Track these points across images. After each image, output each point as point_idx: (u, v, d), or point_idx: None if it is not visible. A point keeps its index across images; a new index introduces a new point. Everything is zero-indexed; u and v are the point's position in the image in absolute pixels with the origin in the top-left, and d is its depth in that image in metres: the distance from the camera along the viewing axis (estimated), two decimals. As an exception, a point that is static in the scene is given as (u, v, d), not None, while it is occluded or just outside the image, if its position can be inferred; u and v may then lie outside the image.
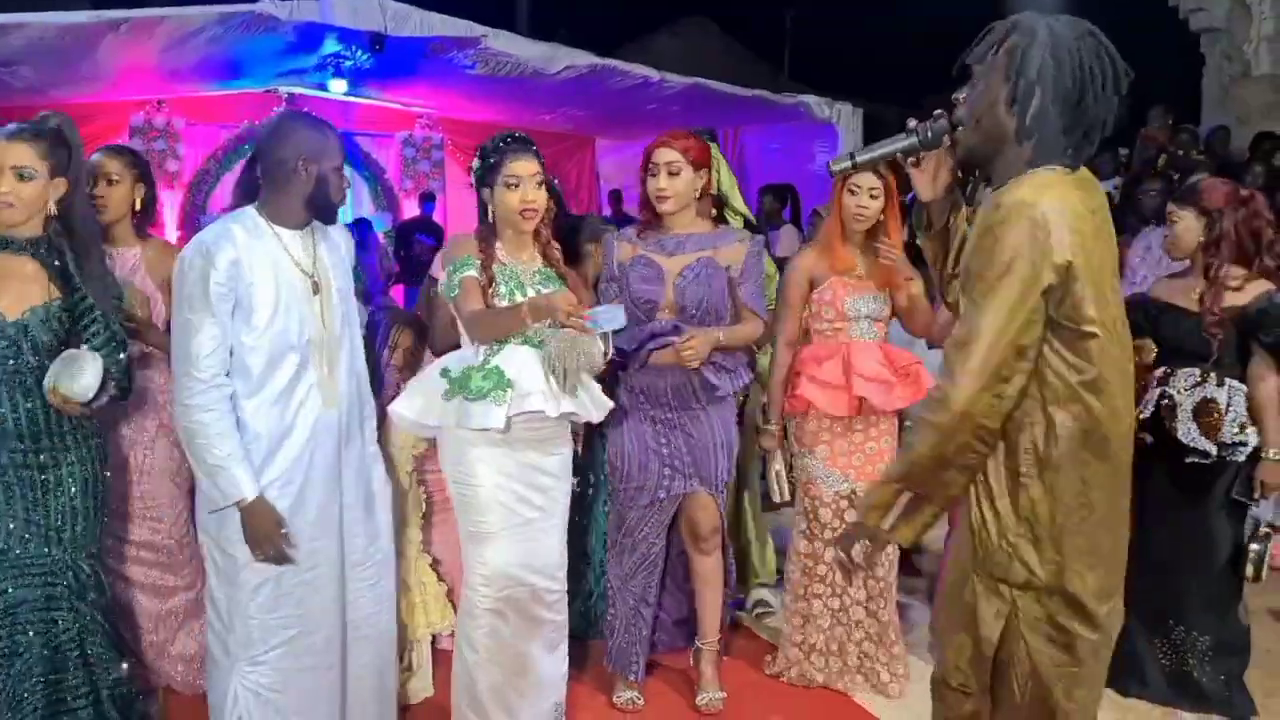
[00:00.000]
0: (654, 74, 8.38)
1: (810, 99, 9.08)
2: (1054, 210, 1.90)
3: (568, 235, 4.12)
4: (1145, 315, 3.78)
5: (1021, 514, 2.05)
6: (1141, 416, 3.65)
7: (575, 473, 3.37)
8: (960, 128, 2.10)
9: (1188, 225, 3.63)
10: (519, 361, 3.00)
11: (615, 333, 2.96)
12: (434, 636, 3.67)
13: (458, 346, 3.19)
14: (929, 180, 2.22)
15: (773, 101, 9.05)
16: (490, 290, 3.05)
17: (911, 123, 2.18)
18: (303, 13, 7.10)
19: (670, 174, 3.40)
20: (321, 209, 2.85)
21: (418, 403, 3.06)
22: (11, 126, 2.65)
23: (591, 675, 3.77)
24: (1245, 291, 3.53)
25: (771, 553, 4.63)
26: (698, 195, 3.48)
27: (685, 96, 8.66)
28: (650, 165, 3.44)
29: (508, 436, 3.01)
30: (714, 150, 4.29)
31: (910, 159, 2.21)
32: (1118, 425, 2.04)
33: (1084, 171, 2.04)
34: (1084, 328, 1.96)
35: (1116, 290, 2.05)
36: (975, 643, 2.16)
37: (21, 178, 2.62)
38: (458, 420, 2.97)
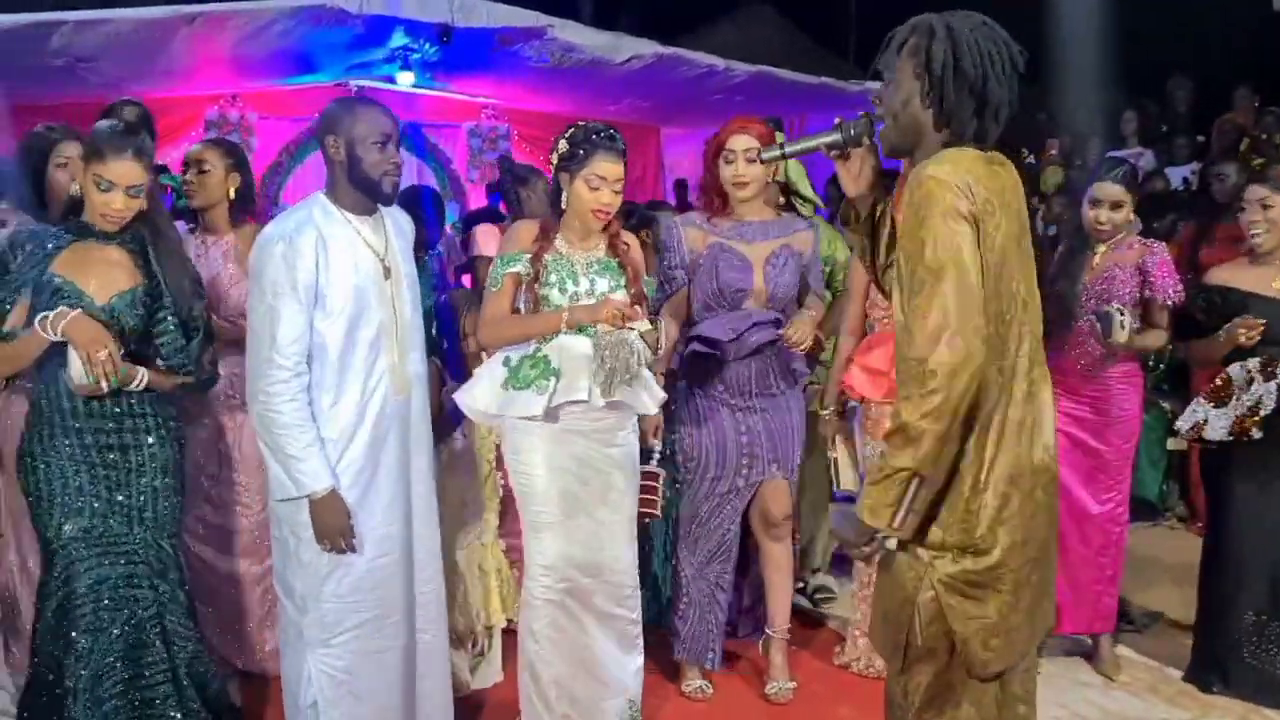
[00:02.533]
0: (720, 63, 8.34)
1: (878, 87, 8.96)
2: (961, 174, 2.02)
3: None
4: (1210, 303, 3.68)
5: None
6: (1263, 413, 3.54)
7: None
8: (881, 125, 2.24)
9: None
10: (570, 350, 2.98)
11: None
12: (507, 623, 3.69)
13: None
14: (854, 177, 2.33)
15: (839, 89, 8.96)
16: (539, 281, 3.01)
17: (837, 119, 2.33)
18: (371, 5, 7.19)
19: (748, 161, 3.38)
20: (364, 187, 2.78)
21: (478, 391, 3.06)
22: (121, 139, 2.69)
23: (659, 663, 3.74)
24: None
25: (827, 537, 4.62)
26: (767, 182, 3.48)
27: (751, 85, 8.60)
28: (726, 152, 3.42)
29: (563, 427, 3.00)
30: (781, 138, 4.29)
31: (835, 154, 2.34)
32: (1016, 386, 2.10)
33: (994, 154, 2.15)
34: (988, 291, 2.03)
35: (1023, 262, 2.13)
36: (890, 602, 2.22)
37: (132, 195, 2.71)
38: (501, 408, 2.99)
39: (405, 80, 8.54)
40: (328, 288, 2.71)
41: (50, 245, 2.73)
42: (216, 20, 7.00)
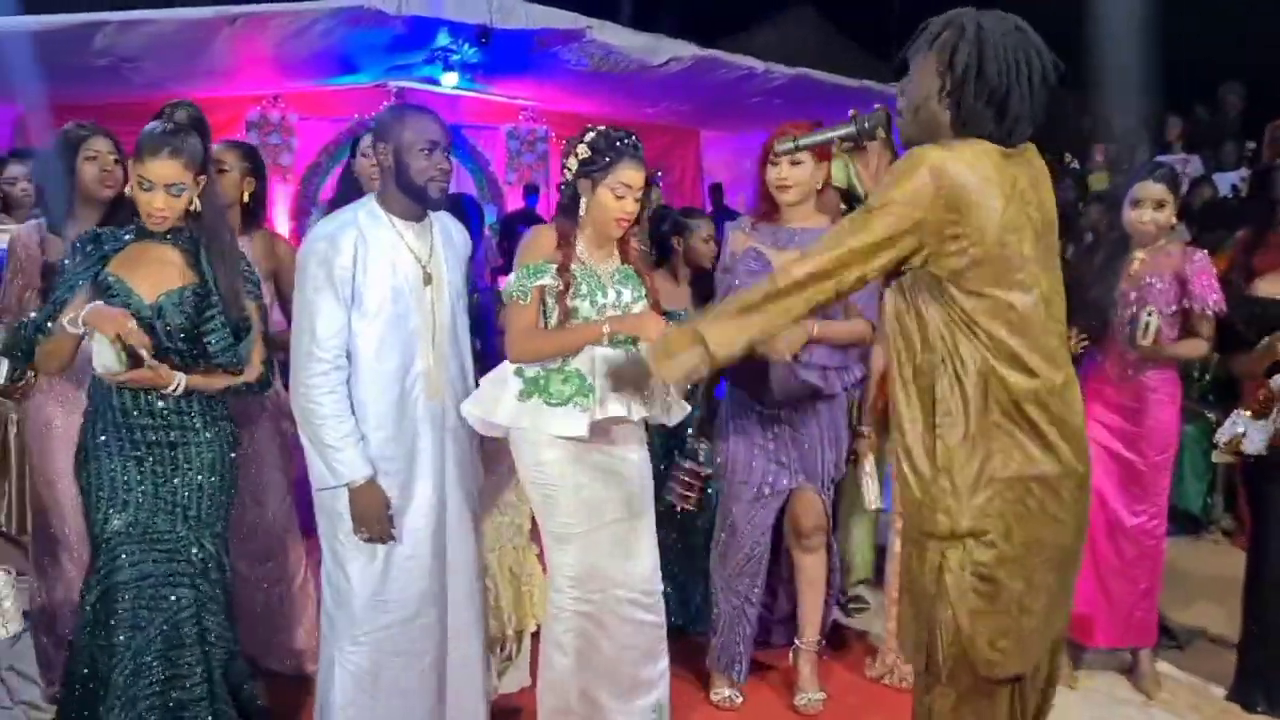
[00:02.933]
0: (759, 65, 8.35)
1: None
2: (952, 161, 2.00)
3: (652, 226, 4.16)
4: (1252, 315, 3.60)
5: (939, 465, 2.10)
6: None
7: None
8: (899, 119, 2.21)
9: None
10: (601, 363, 2.91)
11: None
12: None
13: None
14: (869, 172, 2.33)
15: (879, 92, 8.90)
16: (569, 292, 2.91)
17: (852, 111, 2.31)
18: (410, 6, 7.23)
19: (792, 164, 3.32)
20: (411, 193, 2.82)
21: (487, 400, 2.95)
22: (159, 139, 2.71)
23: (689, 671, 3.72)
24: None
25: (869, 550, 4.58)
26: (818, 188, 3.41)
27: (790, 88, 8.60)
28: (771, 155, 3.36)
29: (583, 437, 2.93)
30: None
31: (849, 146, 2.34)
32: (1030, 382, 2.06)
33: (1026, 147, 2.12)
34: (974, 286, 2.03)
35: (1047, 259, 2.10)
36: (915, 605, 2.19)
37: (173, 194, 2.72)
38: (535, 424, 2.89)
39: (449, 81, 8.58)
40: (364, 287, 2.76)
41: (108, 246, 2.77)
42: (258, 21, 7.08)
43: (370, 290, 2.77)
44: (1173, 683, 3.89)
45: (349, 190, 3.85)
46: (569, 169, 2.96)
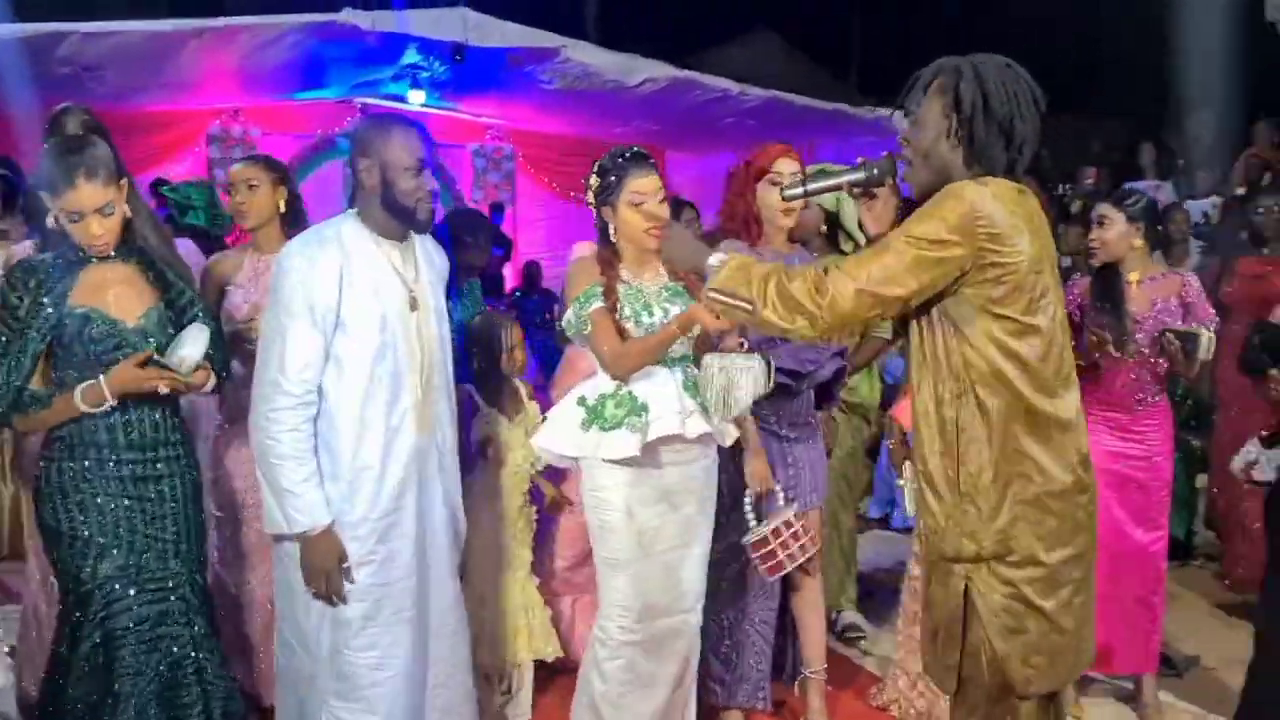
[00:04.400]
0: (734, 87, 8.35)
1: (888, 113, 8.96)
2: (987, 196, 2.09)
3: None
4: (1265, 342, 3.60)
5: (962, 490, 2.16)
6: None
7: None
8: (908, 166, 2.27)
9: None
10: (653, 383, 2.88)
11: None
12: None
13: None
14: (875, 217, 2.39)
15: (852, 115, 8.94)
16: (615, 315, 2.88)
17: (860, 159, 2.36)
18: (384, 23, 7.12)
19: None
20: (399, 214, 2.63)
21: (555, 433, 2.96)
22: (69, 165, 2.51)
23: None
24: None
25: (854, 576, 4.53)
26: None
27: (763, 110, 8.59)
28: (772, 175, 3.30)
29: (648, 460, 2.88)
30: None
31: (858, 192, 2.40)
32: (1051, 405, 2.14)
33: (1020, 183, 2.22)
34: (1007, 312, 2.10)
35: (1054, 287, 2.18)
36: (937, 629, 2.24)
37: (106, 215, 2.55)
38: (594, 452, 2.87)
39: (416, 99, 8.45)
40: (350, 315, 2.55)
41: (60, 278, 2.57)
42: (226, 34, 6.95)
43: (355, 317, 2.56)
44: (1174, 711, 3.86)
45: None
46: (591, 205, 2.98)
